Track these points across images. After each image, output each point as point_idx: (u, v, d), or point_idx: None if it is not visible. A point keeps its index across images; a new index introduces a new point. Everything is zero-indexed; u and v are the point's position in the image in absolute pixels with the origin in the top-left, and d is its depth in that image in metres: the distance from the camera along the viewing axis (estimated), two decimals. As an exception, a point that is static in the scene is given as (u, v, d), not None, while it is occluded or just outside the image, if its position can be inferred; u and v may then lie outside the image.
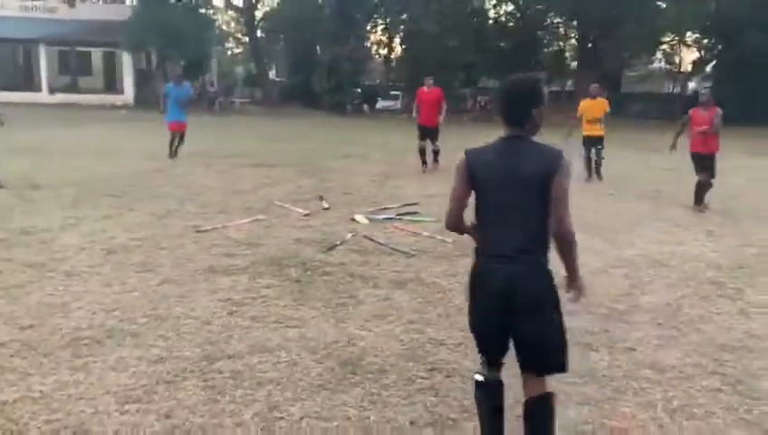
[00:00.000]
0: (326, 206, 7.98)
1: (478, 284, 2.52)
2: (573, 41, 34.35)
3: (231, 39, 45.82)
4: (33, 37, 30.35)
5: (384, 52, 36.70)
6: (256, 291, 4.76)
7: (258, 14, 37.45)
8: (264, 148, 15.01)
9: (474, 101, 33.19)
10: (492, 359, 2.61)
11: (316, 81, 31.52)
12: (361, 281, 5.08)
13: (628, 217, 8.01)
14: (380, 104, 34.65)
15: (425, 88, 11.62)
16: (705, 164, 8.46)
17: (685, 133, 8.78)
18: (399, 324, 4.22)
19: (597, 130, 10.99)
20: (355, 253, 5.85)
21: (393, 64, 34.93)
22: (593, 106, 11.10)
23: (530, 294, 2.41)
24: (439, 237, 6.49)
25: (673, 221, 7.82)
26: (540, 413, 2.53)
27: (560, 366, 2.52)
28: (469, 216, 2.59)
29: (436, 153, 11.64)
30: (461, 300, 4.71)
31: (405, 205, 8.22)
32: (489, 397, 2.62)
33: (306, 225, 6.98)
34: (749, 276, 5.55)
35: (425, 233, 6.68)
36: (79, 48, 32.87)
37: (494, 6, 33.85)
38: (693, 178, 8.70)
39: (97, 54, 33.94)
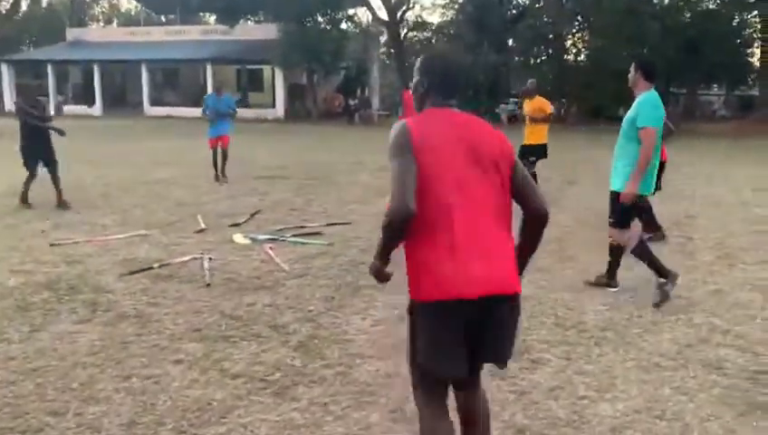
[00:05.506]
0: (240, 221, 7.47)
1: None
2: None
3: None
4: (202, 57, 33.60)
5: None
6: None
7: (406, 27, 37.67)
8: (322, 160, 14.08)
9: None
10: None
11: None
12: (85, 310, 4.55)
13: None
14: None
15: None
16: None
17: None
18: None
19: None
20: (153, 279, 5.29)
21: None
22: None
23: None
24: (285, 266, 5.69)
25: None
26: None
27: None
28: None
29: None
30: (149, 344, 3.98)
31: (329, 224, 7.43)
32: None
33: (171, 242, 6.54)
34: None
35: (277, 259, 5.89)
36: (249, 66, 35.95)
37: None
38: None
39: (268, 71, 36.43)
